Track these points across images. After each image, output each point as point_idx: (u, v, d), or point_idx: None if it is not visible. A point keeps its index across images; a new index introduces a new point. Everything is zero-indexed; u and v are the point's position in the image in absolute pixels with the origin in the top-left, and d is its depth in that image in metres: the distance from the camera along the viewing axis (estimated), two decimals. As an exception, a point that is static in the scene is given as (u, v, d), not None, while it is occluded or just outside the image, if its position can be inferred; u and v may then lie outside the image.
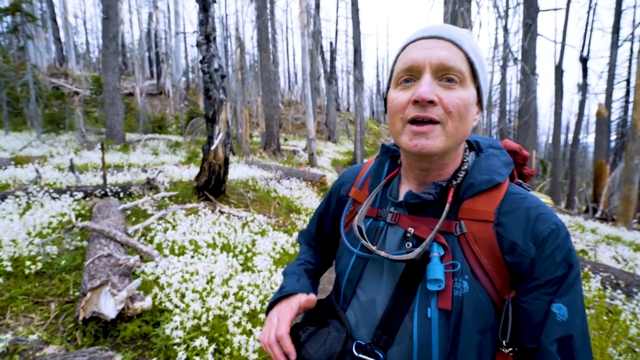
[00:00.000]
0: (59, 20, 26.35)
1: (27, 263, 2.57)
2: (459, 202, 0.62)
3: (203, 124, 13.69)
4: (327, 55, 26.20)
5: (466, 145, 0.69)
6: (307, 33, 11.33)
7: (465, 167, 0.65)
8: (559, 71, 15.00)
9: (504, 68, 15.50)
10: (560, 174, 15.43)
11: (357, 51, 13.90)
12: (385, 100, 0.66)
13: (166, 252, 3.08)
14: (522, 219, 0.57)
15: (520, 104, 10.59)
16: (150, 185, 5.57)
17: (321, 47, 23.59)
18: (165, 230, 3.75)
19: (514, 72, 21.05)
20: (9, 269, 2.51)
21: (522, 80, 10.73)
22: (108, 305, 2.07)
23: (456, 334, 0.55)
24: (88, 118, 14.98)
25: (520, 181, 0.69)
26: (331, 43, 27.25)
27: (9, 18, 12.64)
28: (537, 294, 0.55)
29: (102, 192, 4.96)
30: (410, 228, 0.63)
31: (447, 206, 0.61)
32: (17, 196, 4.16)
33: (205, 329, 2.08)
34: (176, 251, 3.17)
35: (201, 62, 5.08)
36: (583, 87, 14.29)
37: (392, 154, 0.76)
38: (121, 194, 5.15)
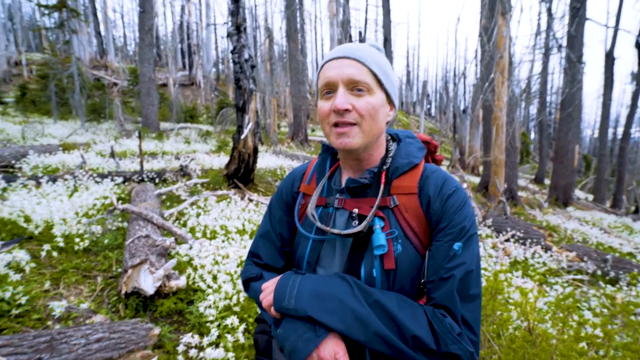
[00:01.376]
0: (100, 15, 27.79)
1: (76, 240, 2.79)
2: (389, 182, 0.78)
3: (233, 114, 14.01)
4: (356, 45, 25.63)
5: (389, 137, 0.87)
6: (336, 22, 11.15)
7: (391, 154, 0.82)
8: (609, 59, 13.76)
9: (546, 56, 14.44)
10: (607, 170, 14.29)
11: (387, 40, 13.53)
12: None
13: (198, 235, 3.22)
14: (434, 183, 0.76)
15: (564, 94, 9.87)
16: (183, 172, 5.82)
17: (350, 36, 23.15)
18: (198, 215, 3.91)
19: (556, 61, 19.61)
20: (61, 244, 2.74)
21: (566, 69, 9.96)
22: (147, 282, 2.21)
23: (394, 285, 0.72)
24: (126, 108, 15.81)
25: (433, 164, 0.88)
26: (360, 32, 26.71)
27: (56, 14, 13.51)
28: (443, 237, 0.71)
29: (140, 178, 5.24)
30: (355, 209, 0.77)
31: (382, 186, 0.77)
32: (66, 179, 4.51)
33: (236, 309, 2.17)
34: (208, 235, 3.31)
35: (232, 52, 5.16)
36: (638, 76, 13.03)
37: (332, 151, 0.90)
38: (156, 180, 5.42)
